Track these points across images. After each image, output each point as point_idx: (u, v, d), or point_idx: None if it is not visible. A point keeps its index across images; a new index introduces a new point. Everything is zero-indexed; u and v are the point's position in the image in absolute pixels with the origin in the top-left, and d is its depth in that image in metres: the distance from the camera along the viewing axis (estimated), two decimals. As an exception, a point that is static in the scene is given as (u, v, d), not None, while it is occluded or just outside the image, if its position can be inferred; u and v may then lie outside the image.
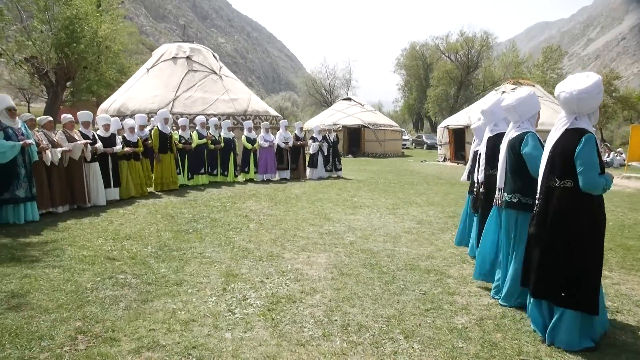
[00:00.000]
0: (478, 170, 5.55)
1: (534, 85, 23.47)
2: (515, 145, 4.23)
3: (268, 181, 13.12)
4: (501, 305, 4.33)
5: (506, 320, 4.01)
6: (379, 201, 10.08)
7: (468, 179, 7.90)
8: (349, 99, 29.91)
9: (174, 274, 4.93)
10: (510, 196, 4.29)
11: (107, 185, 8.98)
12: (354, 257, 5.74)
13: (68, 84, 20.89)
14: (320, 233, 6.96)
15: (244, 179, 13.06)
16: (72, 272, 4.88)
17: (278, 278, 4.91)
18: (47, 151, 7.53)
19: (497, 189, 4.49)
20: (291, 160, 13.77)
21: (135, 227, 6.99)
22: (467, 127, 21.69)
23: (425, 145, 38.83)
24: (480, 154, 5.64)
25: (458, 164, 21.91)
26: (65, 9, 18.46)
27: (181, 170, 11.28)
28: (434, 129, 58.12)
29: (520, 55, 53.65)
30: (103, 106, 16.35)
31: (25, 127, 7.25)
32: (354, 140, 26.67)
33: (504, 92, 22.63)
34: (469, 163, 6.57)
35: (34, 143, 7.21)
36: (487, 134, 5.01)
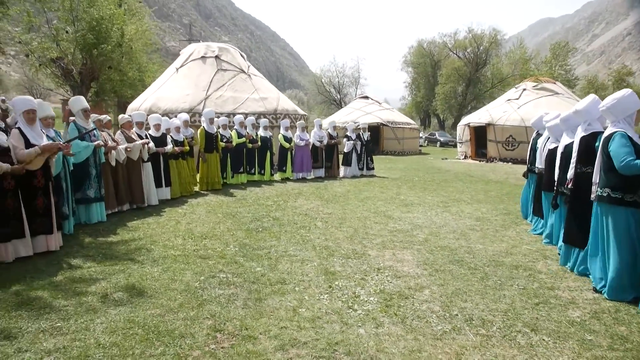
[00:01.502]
0: (560, 168, 5.62)
1: (554, 83, 23.49)
2: (606, 143, 4.40)
3: (304, 179, 13.17)
4: (607, 299, 4.38)
5: (622, 314, 4.06)
6: (426, 199, 10.13)
7: (525, 176, 7.99)
8: (366, 97, 29.93)
9: (271, 273, 4.99)
10: (601, 191, 4.45)
11: (158, 184, 9.05)
12: (436, 254, 5.79)
13: (92, 84, 20.94)
14: (390, 231, 7.01)
15: (280, 178, 13.12)
16: (173, 271, 4.95)
17: (377, 275, 4.97)
18: (113, 151, 7.60)
19: (593, 183, 4.63)
20: (326, 159, 13.84)
21: (205, 227, 7.05)
22: (489, 124, 21.74)
23: (438, 142, 38.84)
24: (560, 152, 5.73)
25: (480, 161, 21.94)
26: (91, 11, 18.52)
27: (227, 169, 11.35)
28: (442, 127, 58.15)
29: (527, 52, 53.56)
30: (133, 105, 16.41)
31: (95, 128, 7.32)
32: (373, 138, 26.65)
33: (524, 89, 22.66)
34: (542, 160, 6.64)
35: (103, 144, 7.27)
36: (581, 133, 5.06)
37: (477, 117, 23.28)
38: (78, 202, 6.94)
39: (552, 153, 6.17)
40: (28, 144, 5.21)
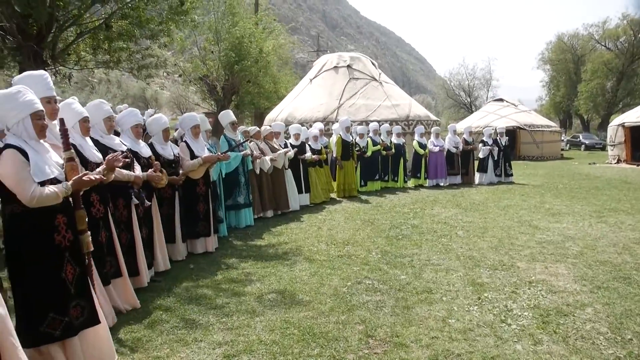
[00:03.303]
0: None
1: None
2: None
3: (438, 186, 12.87)
4: None
5: None
6: (575, 208, 9.30)
7: None
8: (501, 100, 28.40)
9: (416, 281, 4.96)
10: None
11: (299, 190, 9.49)
12: (596, 270, 5.29)
13: (233, 97, 22.71)
14: (538, 242, 6.56)
15: (414, 185, 12.97)
16: (321, 275, 5.15)
17: (529, 289, 4.68)
18: (257, 160, 8.15)
19: None
20: (461, 165, 13.40)
21: (345, 233, 7.23)
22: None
23: (583, 146, 35.43)
24: None
25: (637, 165, 19.55)
26: (234, 31, 20.17)
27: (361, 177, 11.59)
28: (585, 128, 52.89)
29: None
30: (270, 116, 17.44)
31: (242, 138, 7.93)
32: (509, 143, 25.23)
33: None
34: None
35: (249, 153, 7.84)
36: None
37: (636, 116, 20.76)
38: (229, 208, 7.57)
39: None
40: (192, 156, 5.82)
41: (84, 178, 2.91)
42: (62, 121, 2.97)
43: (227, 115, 7.69)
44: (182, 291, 4.69)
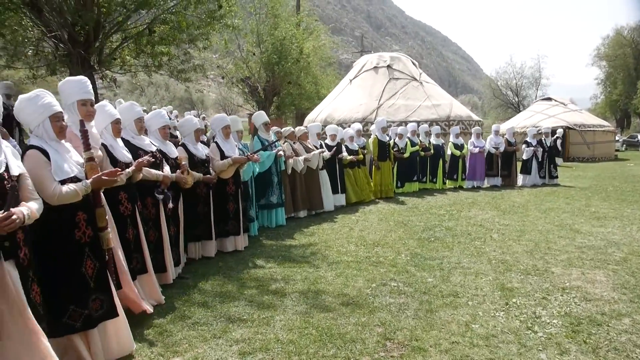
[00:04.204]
0: None
1: None
2: None
3: (478, 188, 12.55)
4: None
5: None
6: (625, 212, 8.84)
7: None
8: (549, 99, 27.34)
9: (443, 284, 4.85)
10: None
11: (334, 191, 9.48)
12: (639, 277, 5.00)
13: (274, 98, 23.00)
14: (578, 247, 6.28)
15: (452, 186, 12.70)
16: (346, 276, 5.13)
17: (561, 296, 4.49)
18: (290, 160, 8.21)
19: None
20: (502, 167, 13.00)
21: (377, 234, 7.17)
22: None
23: (641, 146, 33.62)
24: None
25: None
26: (275, 33, 20.48)
27: (398, 178, 11.44)
28: (645, 127, 50.19)
29: None
30: (310, 117, 17.50)
31: (276, 138, 8.01)
32: (556, 143, 24.26)
33: None
34: None
35: (282, 153, 7.90)
36: None
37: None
38: (261, 208, 7.66)
39: None
40: (223, 156, 5.92)
41: (103, 177, 3.02)
42: (82, 123, 3.09)
43: (260, 116, 7.79)
44: (208, 288, 4.78)
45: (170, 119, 9.09)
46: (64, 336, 3.02)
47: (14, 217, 2.39)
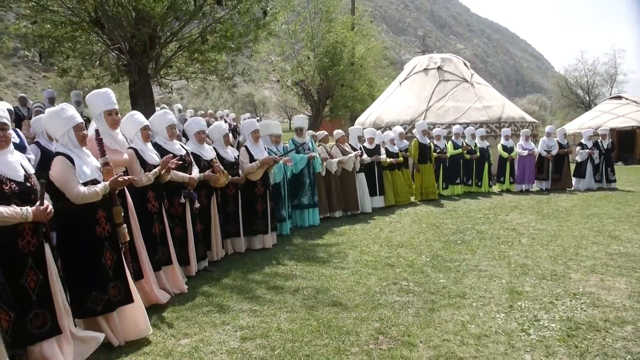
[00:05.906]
0: None
1: None
2: None
3: (527, 192, 12.26)
4: None
5: None
6: (679, 218, 8.41)
7: None
8: (619, 97, 25.85)
9: (453, 286, 4.96)
10: None
11: (372, 193, 9.67)
12: (662, 286, 4.87)
13: (328, 101, 23.41)
14: (609, 253, 6.13)
15: (499, 190, 12.48)
16: (360, 275, 5.36)
17: (570, 301, 4.49)
18: (325, 162, 8.51)
19: None
20: (554, 169, 12.60)
21: (404, 236, 7.32)
22: None
23: None
24: None
25: None
26: (328, 37, 20.90)
27: (440, 180, 11.42)
28: None
29: None
30: (360, 119, 17.73)
31: (311, 142, 8.34)
32: (626, 144, 22.90)
33: None
34: None
35: (317, 156, 8.22)
36: None
37: None
38: (294, 208, 8.02)
39: None
40: (252, 159, 6.33)
41: (119, 179, 3.48)
42: (97, 132, 3.56)
43: (295, 120, 8.16)
44: (229, 281, 5.19)
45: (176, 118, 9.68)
46: (88, 318, 3.51)
47: (50, 208, 2.95)
